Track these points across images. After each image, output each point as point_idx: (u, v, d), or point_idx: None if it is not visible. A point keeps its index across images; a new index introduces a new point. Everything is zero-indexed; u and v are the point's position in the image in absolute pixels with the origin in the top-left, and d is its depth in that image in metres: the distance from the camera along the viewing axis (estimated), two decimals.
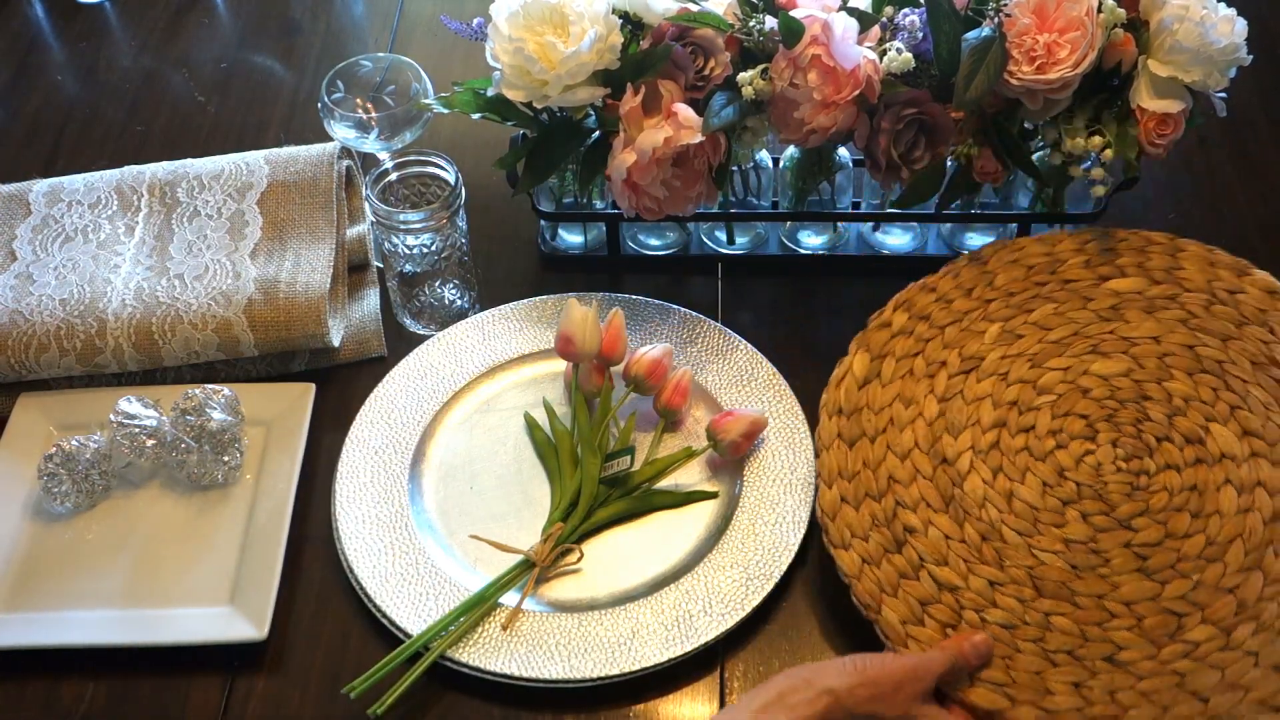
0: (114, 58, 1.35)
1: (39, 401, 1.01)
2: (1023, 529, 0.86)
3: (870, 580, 0.85)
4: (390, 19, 1.37)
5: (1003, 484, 0.88)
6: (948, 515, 0.87)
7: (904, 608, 0.84)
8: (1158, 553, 0.84)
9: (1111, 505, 0.86)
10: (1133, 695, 0.79)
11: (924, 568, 0.85)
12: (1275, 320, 0.92)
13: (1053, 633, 0.82)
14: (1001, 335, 0.94)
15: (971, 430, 0.90)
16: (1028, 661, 0.81)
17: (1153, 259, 0.96)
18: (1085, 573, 0.84)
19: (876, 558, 0.86)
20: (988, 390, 0.92)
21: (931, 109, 0.95)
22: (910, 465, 0.89)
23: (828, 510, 0.88)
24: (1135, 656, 0.81)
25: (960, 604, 0.84)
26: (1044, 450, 0.89)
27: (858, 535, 0.87)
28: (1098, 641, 0.81)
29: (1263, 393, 0.89)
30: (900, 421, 0.91)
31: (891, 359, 0.94)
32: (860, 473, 0.90)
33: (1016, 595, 0.83)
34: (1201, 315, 0.93)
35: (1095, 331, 0.93)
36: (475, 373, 1.03)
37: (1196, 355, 0.91)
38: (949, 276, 0.97)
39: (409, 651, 0.85)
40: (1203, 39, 0.90)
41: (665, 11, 0.95)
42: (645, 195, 0.97)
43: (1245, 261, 0.95)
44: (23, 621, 0.89)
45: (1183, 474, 0.87)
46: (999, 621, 0.83)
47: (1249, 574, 0.83)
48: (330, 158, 1.10)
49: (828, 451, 0.91)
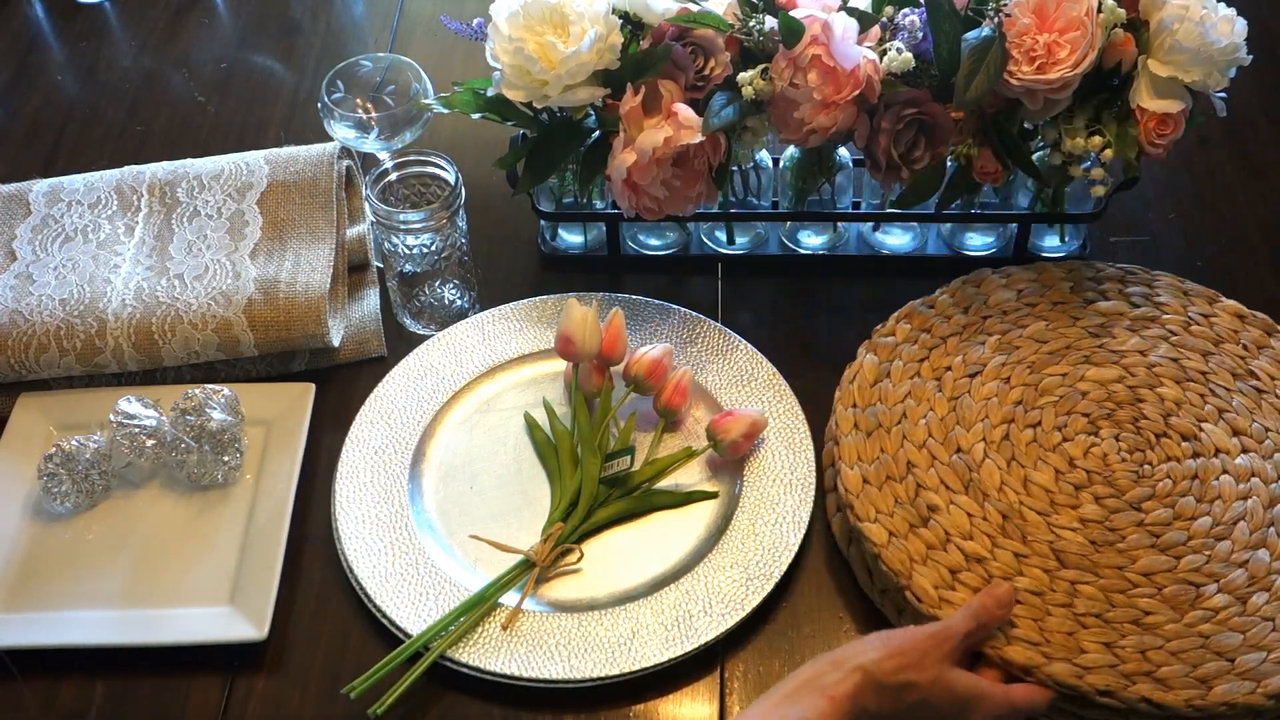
0: (114, 58, 1.35)
1: (39, 401, 1.01)
2: (1041, 509, 0.89)
3: (899, 550, 0.87)
4: (390, 19, 1.37)
5: (1017, 471, 0.91)
6: (968, 496, 0.89)
7: (935, 574, 0.86)
8: (1169, 531, 0.88)
9: (1121, 490, 0.90)
10: (1162, 654, 0.82)
11: (951, 541, 0.87)
12: (1248, 339, 0.99)
13: (1080, 599, 0.85)
14: (1000, 346, 0.98)
15: (982, 424, 0.93)
16: (1059, 623, 0.84)
17: (1130, 286, 1.02)
18: (1104, 547, 0.87)
19: (903, 532, 0.88)
20: (993, 392, 0.95)
21: (931, 109, 0.95)
22: (927, 452, 0.92)
23: (851, 489, 0.90)
24: (1160, 620, 0.84)
25: (989, 574, 0.86)
26: (1052, 443, 0.93)
27: (883, 512, 0.89)
28: (1124, 607, 0.84)
29: (1245, 399, 0.95)
30: (913, 417, 0.94)
31: (900, 362, 0.97)
32: (879, 457, 0.92)
33: (1041, 566, 0.86)
34: (1181, 334, 0.99)
35: (1086, 345, 0.98)
36: (475, 373, 1.03)
37: (1182, 366, 0.97)
38: (944, 296, 1.01)
39: (409, 651, 0.85)
40: (1203, 39, 0.91)
41: (665, 11, 0.95)
42: (645, 195, 0.97)
43: (1214, 291, 1.02)
44: (23, 621, 0.89)
45: (1183, 464, 0.92)
46: (1028, 588, 0.85)
47: (1255, 550, 0.87)
48: (330, 158, 1.10)
49: (846, 439, 0.93)
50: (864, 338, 1.02)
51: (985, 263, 1.09)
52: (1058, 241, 1.11)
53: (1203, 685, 0.81)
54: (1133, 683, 0.81)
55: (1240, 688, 0.80)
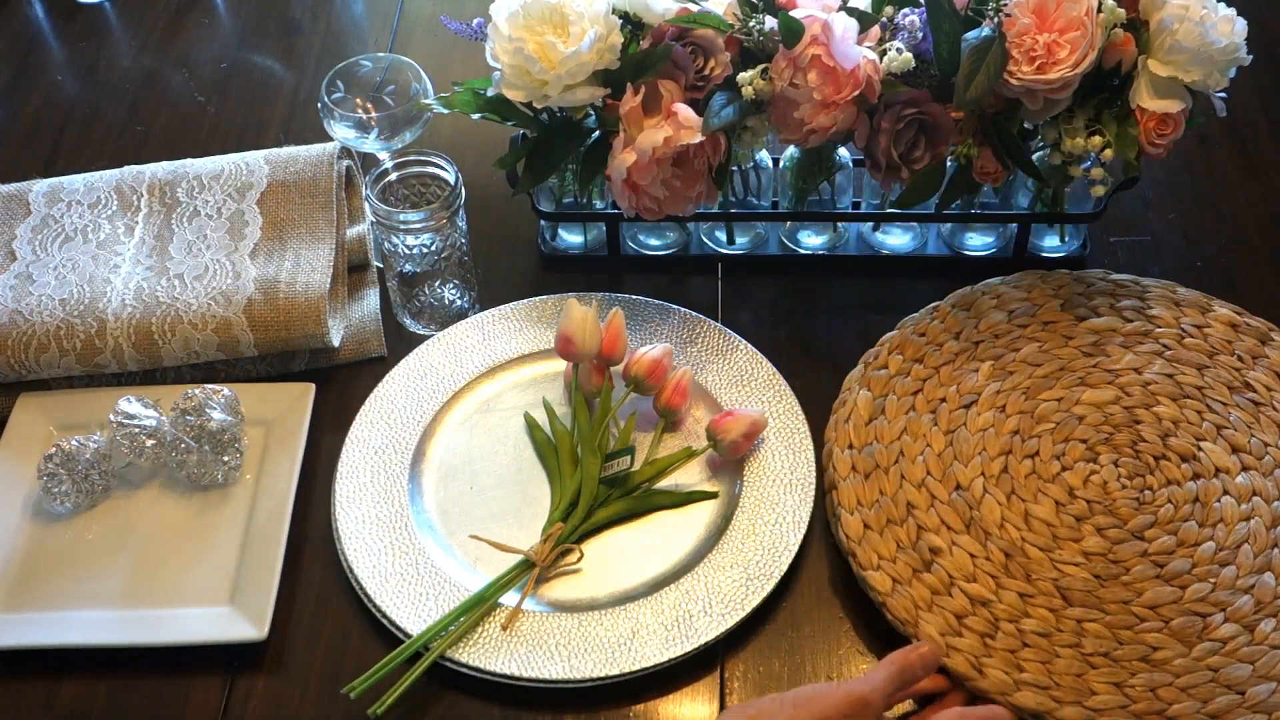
0: (114, 58, 1.35)
1: (39, 401, 1.01)
2: (1043, 544, 0.88)
3: (904, 598, 0.86)
4: (390, 19, 1.37)
5: (1017, 505, 0.91)
6: (969, 536, 0.89)
7: (940, 620, 0.85)
8: (1173, 560, 0.88)
9: (1123, 520, 0.90)
10: (1172, 691, 0.82)
11: (955, 585, 0.86)
12: (1242, 349, 0.99)
13: (1087, 638, 0.84)
14: (994, 372, 0.98)
15: (980, 458, 0.93)
16: (1067, 665, 0.83)
17: (1121, 300, 1.02)
18: (1108, 581, 0.87)
19: (906, 578, 0.87)
20: (989, 422, 0.95)
21: (931, 109, 0.95)
22: (926, 492, 0.91)
23: (853, 536, 0.89)
24: (1169, 655, 0.83)
25: (995, 616, 0.85)
26: (1051, 473, 0.92)
27: (885, 558, 0.88)
28: (1131, 644, 0.84)
29: (1243, 413, 0.95)
30: (910, 454, 0.93)
31: (894, 397, 0.96)
32: (879, 500, 0.91)
33: (1047, 605, 0.85)
34: (1175, 348, 0.99)
35: (1080, 366, 0.98)
36: (475, 373, 1.03)
37: (1177, 383, 0.97)
38: (935, 322, 1.01)
39: (409, 651, 0.85)
40: (1203, 39, 0.90)
41: (665, 11, 0.95)
42: (645, 195, 0.97)
43: (1207, 297, 1.02)
44: (23, 621, 0.89)
45: (1183, 487, 0.91)
46: (1035, 629, 0.84)
47: (1261, 575, 0.87)
48: (330, 158, 1.10)
49: (844, 483, 0.92)
50: (864, 338, 1.03)
51: (985, 263, 1.09)
52: (1058, 241, 1.11)
53: None
54: None
55: None
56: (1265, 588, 0.86)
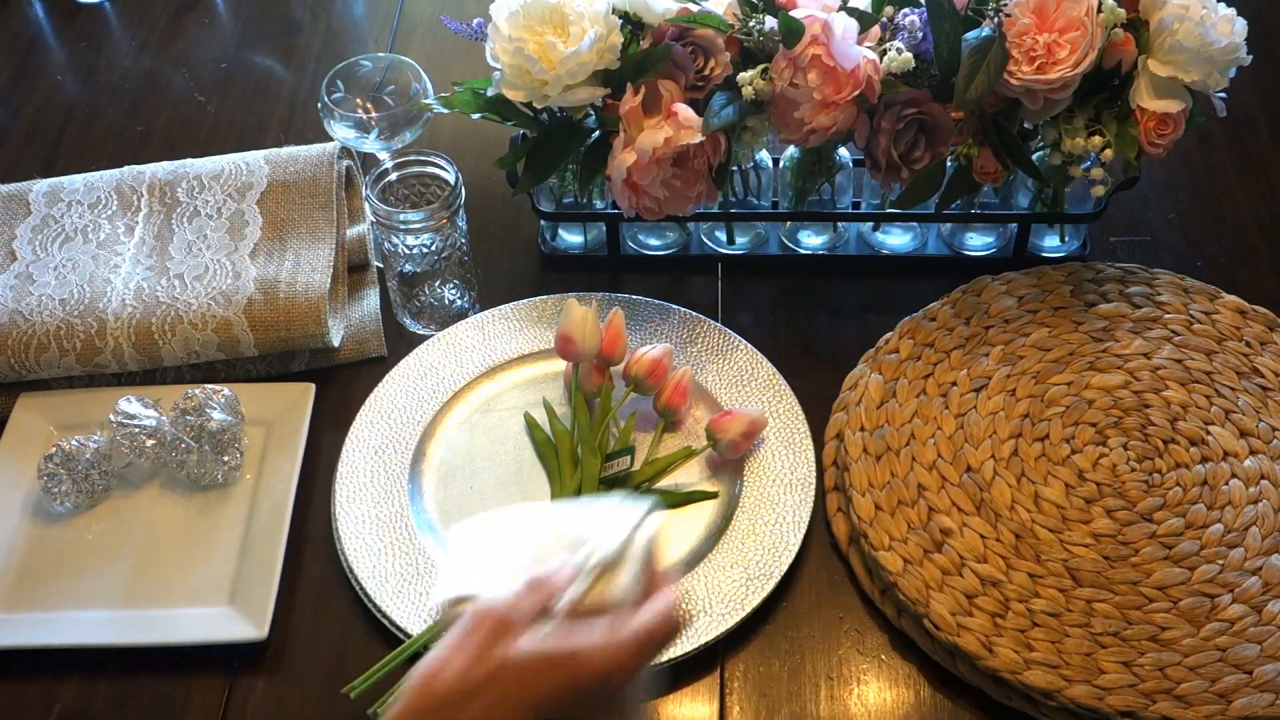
0: (114, 58, 1.35)
1: (39, 401, 1.01)
2: (1053, 526, 0.89)
3: (915, 578, 0.87)
4: (390, 19, 1.37)
5: (1027, 488, 0.91)
6: (980, 517, 0.90)
7: (951, 600, 0.86)
8: (1181, 542, 0.89)
9: (1132, 502, 0.91)
10: (1181, 671, 0.83)
11: (965, 565, 0.87)
12: (1250, 335, 0.99)
13: (1097, 618, 0.85)
14: (1004, 356, 0.98)
15: (990, 441, 0.93)
16: (1077, 644, 0.84)
17: (1131, 286, 1.03)
18: (1117, 563, 0.87)
19: (918, 559, 0.88)
20: (999, 406, 0.96)
21: (931, 109, 0.95)
22: (937, 474, 0.92)
23: (865, 517, 0.90)
24: (1177, 635, 0.84)
25: (1006, 596, 0.86)
26: (1061, 456, 0.93)
27: (896, 539, 0.89)
28: (1140, 624, 0.85)
29: (1251, 398, 0.96)
30: (921, 437, 0.94)
31: (905, 380, 0.97)
32: (890, 482, 0.92)
33: (1057, 586, 0.86)
34: (1184, 334, 0.99)
35: (1090, 351, 0.99)
36: (475, 373, 1.03)
37: (1186, 368, 0.97)
38: (945, 308, 1.01)
39: (409, 651, 0.85)
40: (1203, 39, 0.91)
41: (665, 11, 0.95)
42: (645, 195, 0.97)
43: (1215, 287, 1.03)
44: (23, 621, 0.89)
45: (1192, 470, 0.92)
46: (1045, 609, 0.85)
47: (1268, 556, 0.87)
48: (330, 158, 1.10)
49: (856, 465, 0.93)
50: (864, 338, 1.03)
51: (985, 263, 1.09)
52: (1058, 241, 1.11)
53: (1222, 700, 0.81)
54: (1153, 701, 0.81)
55: (1259, 700, 0.81)
56: (1273, 569, 0.86)
